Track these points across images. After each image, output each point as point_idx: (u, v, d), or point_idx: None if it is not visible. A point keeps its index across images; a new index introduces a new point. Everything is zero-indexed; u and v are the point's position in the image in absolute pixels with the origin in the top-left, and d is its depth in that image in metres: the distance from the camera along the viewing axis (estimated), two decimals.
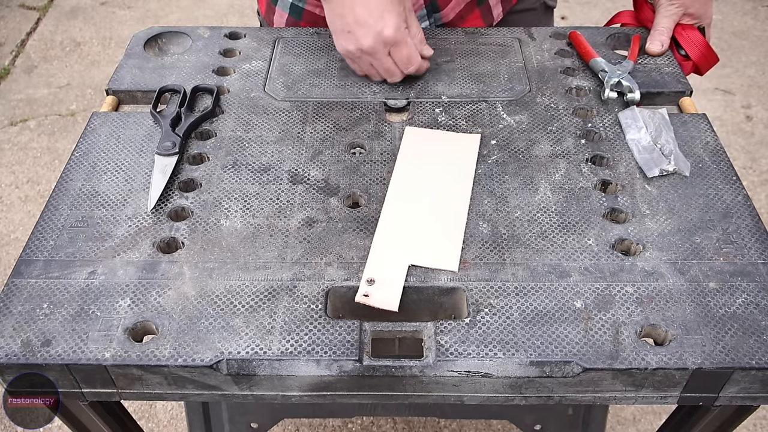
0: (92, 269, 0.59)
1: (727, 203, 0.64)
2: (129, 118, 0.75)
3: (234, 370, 0.52)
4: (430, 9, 0.88)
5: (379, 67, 0.76)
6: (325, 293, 0.57)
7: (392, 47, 0.74)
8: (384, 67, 0.76)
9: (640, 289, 0.57)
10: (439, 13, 0.89)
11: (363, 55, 0.75)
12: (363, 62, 0.77)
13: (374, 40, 0.72)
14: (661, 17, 0.83)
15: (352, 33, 0.73)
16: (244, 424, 1.03)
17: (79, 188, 0.67)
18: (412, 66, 0.77)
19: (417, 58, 0.76)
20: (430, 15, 0.89)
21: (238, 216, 0.64)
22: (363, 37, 0.73)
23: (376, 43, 0.73)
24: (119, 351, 0.52)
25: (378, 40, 0.72)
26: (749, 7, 2.58)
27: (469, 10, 0.90)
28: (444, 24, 0.91)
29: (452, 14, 0.90)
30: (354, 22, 0.72)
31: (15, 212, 1.80)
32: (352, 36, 0.73)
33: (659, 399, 0.55)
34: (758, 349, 0.52)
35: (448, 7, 0.89)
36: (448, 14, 0.90)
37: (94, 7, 2.65)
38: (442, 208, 0.65)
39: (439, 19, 0.90)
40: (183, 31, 0.88)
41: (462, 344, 0.53)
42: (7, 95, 2.20)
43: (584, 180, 0.67)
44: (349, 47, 0.75)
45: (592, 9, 2.55)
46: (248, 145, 0.72)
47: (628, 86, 0.76)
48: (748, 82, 2.22)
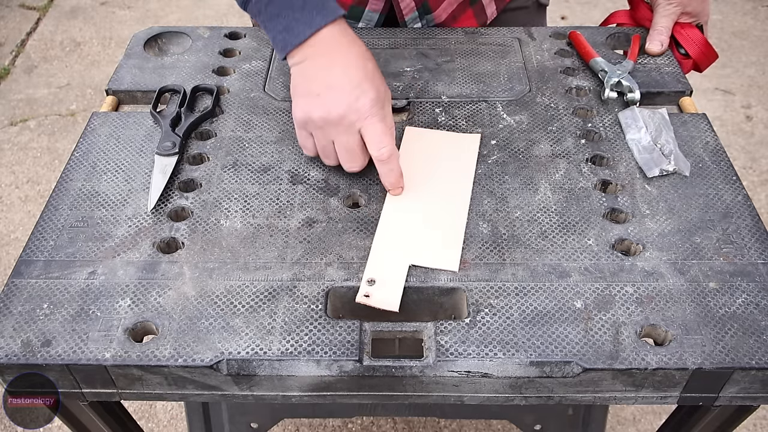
0: (92, 269, 0.59)
1: (727, 203, 0.64)
2: (129, 118, 0.75)
3: (234, 371, 0.52)
4: (422, 11, 0.88)
5: (341, 145, 0.63)
6: (325, 293, 0.57)
7: (364, 123, 0.61)
8: (348, 145, 0.63)
9: (640, 289, 0.57)
10: (431, 14, 0.89)
11: (326, 126, 0.62)
12: (323, 136, 0.64)
13: (347, 108, 0.61)
14: (660, 17, 0.83)
15: (320, 97, 0.62)
16: (244, 424, 1.03)
17: (79, 188, 0.67)
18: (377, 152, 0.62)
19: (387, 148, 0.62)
20: (422, 17, 0.89)
21: (238, 216, 0.64)
22: (334, 102, 0.61)
23: (348, 112, 0.61)
24: (119, 351, 0.52)
25: (351, 109, 0.61)
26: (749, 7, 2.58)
27: (461, 10, 0.90)
28: (437, 25, 0.91)
29: (444, 15, 0.89)
30: (326, 87, 0.62)
31: (15, 212, 1.80)
32: (320, 101, 0.62)
33: (659, 399, 0.55)
34: (758, 349, 0.52)
35: (440, 8, 0.88)
36: (441, 15, 0.89)
37: (94, 7, 2.65)
38: (442, 208, 0.65)
39: (431, 20, 0.90)
40: (183, 31, 0.88)
41: (462, 344, 0.53)
42: (7, 95, 2.20)
43: (584, 180, 0.67)
44: (313, 114, 0.62)
45: (592, 9, 2.55)
46: (248, 145, 0.72)
47: (628, 86, 0.76)
48: (748, 82, 2.22)
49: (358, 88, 0.61)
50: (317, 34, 0.62)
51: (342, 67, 0.62)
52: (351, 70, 0.62)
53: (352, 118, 0.61)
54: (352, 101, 0.61)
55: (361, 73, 0.62)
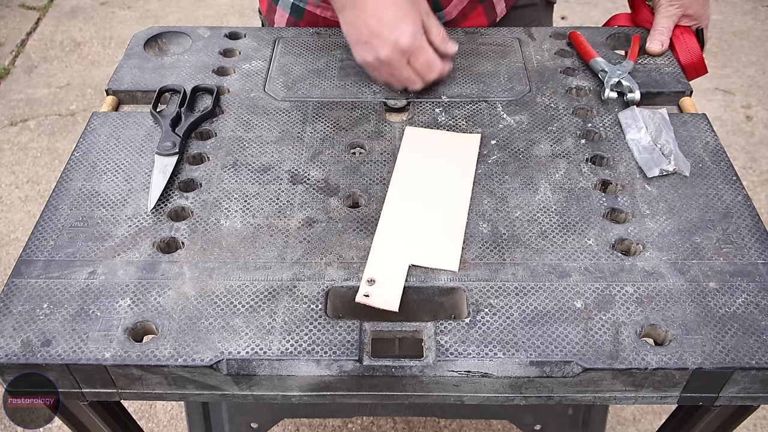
0: (92, 269, 0.59)
1: (727, 203, 0.64)
2: (129, 118, 0.75)
3: (234, 370, 0.52)
4: (432, 8, 0.88)
5: (399, 77, 0.75)
6: (325, 293, 0.57)
7: (410, 56, 0.73)
8: (404, 76, 0.75)
9: (640, 289, 0.57)
10: (441, 11, 0.89)
11: (381, 66, 0.74)
12: (383, 72, 0.76)
13: (391, 50, 0.72)
14: (661, 17, 0.83)
15: (368, 44, 0.73)
16: (244, 424, 1.03)
17: (79, 188, 0.67)
18: (433, 73, 0.76)
19: (437, 65, 0.75)
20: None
21: (238, 216, 0.64)
22: (380, 47, 0.72)
23: (393, 53, 0.72)
24: (119, 351, 0.52)
25: (395, 50, 0.72)
26: (749, 7, 2.59)
27: (471, 8, 0.90)
28: (446, 23, 0.91)
29: (455, 12, 0.90)
30: (369, 34, 0.72)
31: (15, 212, 1.80)
32: (369, 47, 0.73)
33: (659, 399, 0.55)
34: (758, 348, 0.52)
35: (451, 5, 0.89)
36: (451, 12, 0.90)
37: (94, 7, 2.65)
38: (442, 208, 0.65)
39: (441, 17, 0.90)
40: (183, 31, 0.88)
41: (462, 344, 0.53)
42: (7, 95, 2.20)
43: (584, 180, 0.67)
44: (367, 58, 0.74)
45: (592, 9, 2.55)
46: (248, 145, 0.72)
47: (628, 86, 0.76)
48: (748, 82, 2.22)
49: (396, 30, 0.71)
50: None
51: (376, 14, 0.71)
52: (386, 13, 0.71)
53: (397, 57, 0.73)
54: (395, 43, 0.71)
55: (395, 14, 0.71)
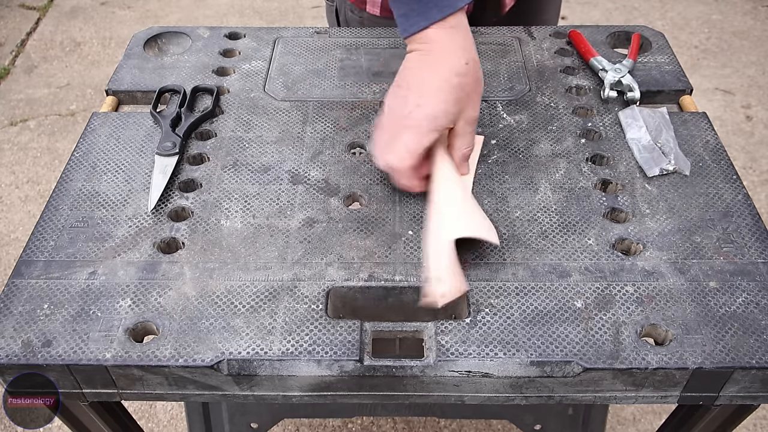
0: (93, 270, 0.59)
1: (727, 202, 0.64)
2: (129, 118, 0.75)
3: (235, 371, 0.52)
4: None
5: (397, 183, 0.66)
6: (325, 293, 0.57)
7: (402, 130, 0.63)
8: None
9: (641, 289, 0.57)
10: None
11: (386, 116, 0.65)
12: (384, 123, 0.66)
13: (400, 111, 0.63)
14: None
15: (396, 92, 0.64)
16: (244, 424, 1.03)
17: (80, 188, 0.67)
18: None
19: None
20: None
21: (239, 216, 0.64)
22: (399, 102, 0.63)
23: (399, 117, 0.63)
24: (120, 351, 0.52)
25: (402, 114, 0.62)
26: (749, 7, 2.58)
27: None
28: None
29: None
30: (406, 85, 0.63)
31: (15, 212, 1.80)
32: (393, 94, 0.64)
33: (659, 399, 0.55)
34: (758, 348, 0.52)
35: None
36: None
37: (94, 7, 2.65)
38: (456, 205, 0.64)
39: None
40: (183, 31, 0.88)
41: (462, 344, 0.53)
42: (7, 95, 2.20)
43: (584, 179, 0.67)
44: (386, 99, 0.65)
45: (592, 9, 2.55)
46: (248, 145, 0.72)
47: (628, 85, 0.76)
48: (748, 82, 2.22)
49: (421, 99, 0.61)
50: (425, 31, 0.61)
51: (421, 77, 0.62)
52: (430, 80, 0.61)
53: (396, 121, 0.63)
54: (410, 108, 0.61)
55: (436, 85, 0.61)
